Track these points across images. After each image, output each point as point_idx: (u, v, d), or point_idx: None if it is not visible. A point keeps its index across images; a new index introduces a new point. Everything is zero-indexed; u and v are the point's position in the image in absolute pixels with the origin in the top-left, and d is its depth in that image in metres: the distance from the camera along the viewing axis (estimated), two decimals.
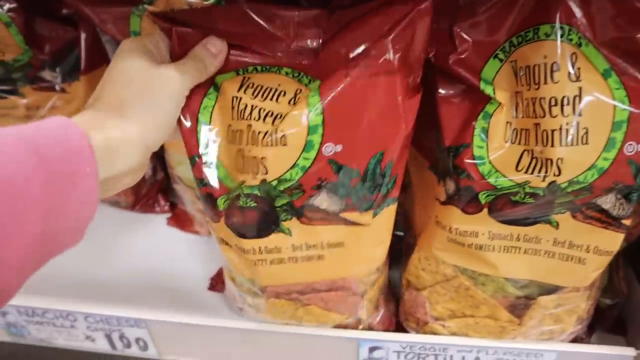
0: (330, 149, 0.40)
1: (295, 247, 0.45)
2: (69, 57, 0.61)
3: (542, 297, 0.47)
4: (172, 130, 0.39)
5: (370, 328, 0.56)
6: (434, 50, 0.42)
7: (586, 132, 0.37)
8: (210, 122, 0.41)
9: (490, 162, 0.41)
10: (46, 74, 0.61)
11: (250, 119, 0.40)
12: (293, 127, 0.39)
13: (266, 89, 0.41)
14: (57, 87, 0.62)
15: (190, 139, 0.41)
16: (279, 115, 0.40)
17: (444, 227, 0.45)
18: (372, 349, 0.53)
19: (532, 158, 0.39)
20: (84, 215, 0.31)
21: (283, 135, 0.39)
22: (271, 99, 0.40)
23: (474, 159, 0.41)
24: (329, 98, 0.39)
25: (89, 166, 0.30)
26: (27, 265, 0.28)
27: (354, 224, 0.43)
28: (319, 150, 0.40)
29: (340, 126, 0.39)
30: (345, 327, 0.54)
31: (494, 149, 0.41)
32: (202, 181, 0.42)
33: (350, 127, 0.39)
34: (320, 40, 0.40)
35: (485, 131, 0.41)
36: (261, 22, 0.39)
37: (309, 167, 0.40)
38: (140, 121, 0.35)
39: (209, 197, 0.43)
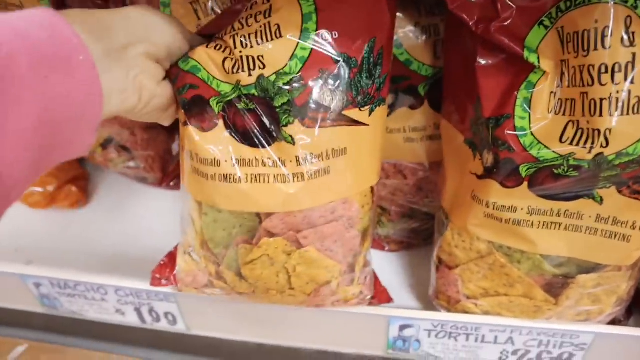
0: (327, 36, 0.40)
1: (299, 159, 0.41)
2: None
3: (581, 276, 0.45)
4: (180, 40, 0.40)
5: (360, 289, 0.52)
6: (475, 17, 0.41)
7: (638, 101, 0.35)
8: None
9: (532, 134, 0.39)
10: None
11: (243, 27, 0.40)
12: (286, 18, 0.39)
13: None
14: None
15: None
16: (265, 12, 0.39)
17: (481, 201, 0.44)
18: (402, 327, 0.53)
19: (577, 129, 0.38)
20: (91, 108, 0.30)
21: (277, 27, 0.39)
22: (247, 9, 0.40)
23: (515, 130, 0.40)
24: None
25: (82, 54, 0.29)
26: (27, 159, 0.27)
27: (354, 123, 0.42)
28: (316, 38, 0.39)
29: (333, 12, 0.40)
30: (334, 290, 0.49)
31: (537, 120, 0.39)
32: (183, 88, 0.41)
33: (342, 13, 0.40)
34: None
35: (528, 101, 0.39)
36: None
37: (308, 57, 0.39)
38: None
39: (199, 100, 0.41)
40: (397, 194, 0.60)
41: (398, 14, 0.51)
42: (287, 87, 0.39)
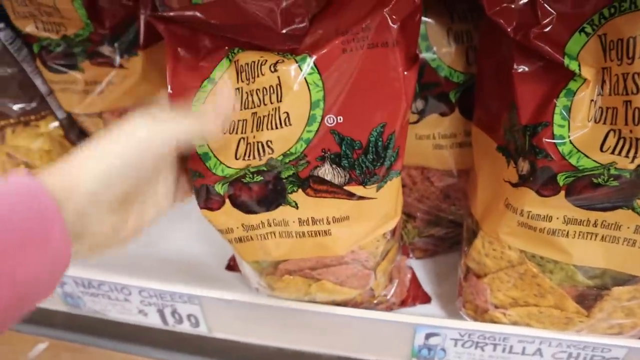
0: (331, 120, 0.41)
1: (302, 221, 0.45)
2: (127, 32, 0.61)
3: (616, 288, 0.44)
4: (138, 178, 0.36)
5: (385, 301, 0.56)
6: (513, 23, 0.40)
7: None
8: None
9: (571, 142, 0.39)
10: (105, 49, 0.62)
11: (255, 106, 0.40)
12: (295, 106, 0.40)
13: (250, 64, 0.40)
14: (116, 63, 0.62)
15: None
16: (274, 89, 0.40)
17: (515, 210, 0.43)
18: (428, 335, 0.52)
19: (619, 138, 0.37)
20: (58, 272, 0.31)
21: (287, 115, 0.40)
22: (258, 76, 0.40)
23: (553, 139, 0.39)
24: (327, 72, 0.39)
25: (58, 227, 0.30)
26: None
27: (359, 197, 0.44)
28: (321, 122, 0.41)
29: (341, 99, 0.40)
30: (358, 303, 0.54)
31: (577, 128, 0.39)
32: (193, 174, 0.44)
33: (350, 100, 0.40)
34: (308, 19, 0.39)
35: (568, 109, 0.39)
36: (250, 12, 0.38)
37: (312, 138, 0.41)
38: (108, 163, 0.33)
39: (205, 189, 0.44)
40: (423, 201, 0.59)
41: (430, 20, 0.50)
42: (292, 163, 0.42)
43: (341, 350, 0.58)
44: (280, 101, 0.40)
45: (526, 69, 0.41)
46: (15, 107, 0.67)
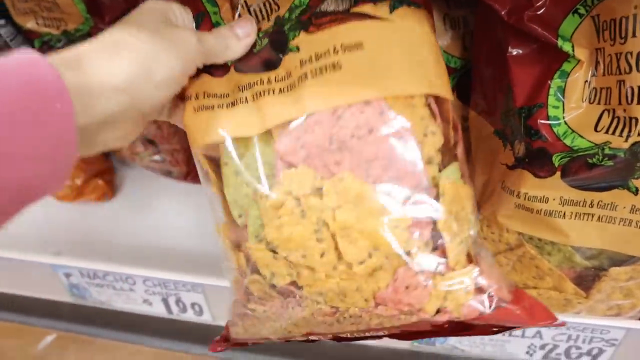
0: None
1: (303, 61, 0.37)
2: None
3: (613, 269, 0.45)
4: (167, 97, 0.35)
5: (478, 286, 0.37)
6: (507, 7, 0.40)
7: None
8: None
9: (566, 123, 0.39)
10: None
11: None
12: None
13: None
14: None
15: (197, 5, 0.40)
16: None
17: (512, 192, 0.43)
18: None
19: (613, 118, 0.37)
20: (62, 158, 0.28)
21: None
22: None
23: (548, 120, 0.39)
24: None
25: (60, 102, 0.27)
26: None
27: (370, 17, 0.37)
28: None
29: None
30: (423, 269, 0.35)
31: (571, 109, 0.39)
32: None
33: None
34: None
35: (562, 90, 0.39)
36: None
37: None
38: (130, 67, 0.30)
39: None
40: None
41: None
42: (297, 16, 0.39)
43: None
44: None
45: (520, 51, 0.41)
46: None
